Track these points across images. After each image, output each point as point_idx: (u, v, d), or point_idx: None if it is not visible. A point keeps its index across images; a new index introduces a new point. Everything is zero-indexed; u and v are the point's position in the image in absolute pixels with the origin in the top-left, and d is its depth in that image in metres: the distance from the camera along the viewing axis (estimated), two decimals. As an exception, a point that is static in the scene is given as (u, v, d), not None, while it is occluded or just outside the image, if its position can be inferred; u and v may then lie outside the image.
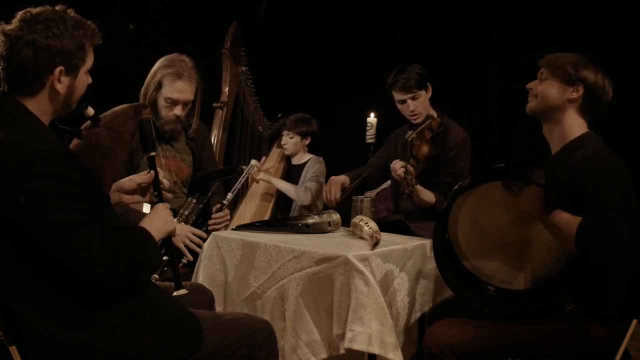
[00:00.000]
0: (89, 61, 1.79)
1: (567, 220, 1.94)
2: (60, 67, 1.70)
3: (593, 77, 2.12)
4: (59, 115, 1.80)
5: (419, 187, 2.86)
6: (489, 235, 2.20)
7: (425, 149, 2.95)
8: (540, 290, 2.11)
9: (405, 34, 4.79)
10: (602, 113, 2.18)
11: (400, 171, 2.74)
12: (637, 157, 3.71)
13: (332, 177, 3.20)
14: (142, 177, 2.08)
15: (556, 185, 2.00)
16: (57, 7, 1.74)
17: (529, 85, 2.24)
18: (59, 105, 1.76)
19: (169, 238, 1.98)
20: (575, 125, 2.16)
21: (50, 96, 1.72)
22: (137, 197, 2.11)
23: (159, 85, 2.88)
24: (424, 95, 3.12)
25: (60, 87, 1.72)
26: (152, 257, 1.83)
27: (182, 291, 1.98)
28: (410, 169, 2.73)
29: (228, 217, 3.01)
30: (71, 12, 1.75)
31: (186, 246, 2.79)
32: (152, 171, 2.04)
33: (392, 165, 2.84)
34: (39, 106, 1.72)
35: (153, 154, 2.06)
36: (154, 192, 2.06)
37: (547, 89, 2.17)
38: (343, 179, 3.19)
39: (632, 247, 2.04)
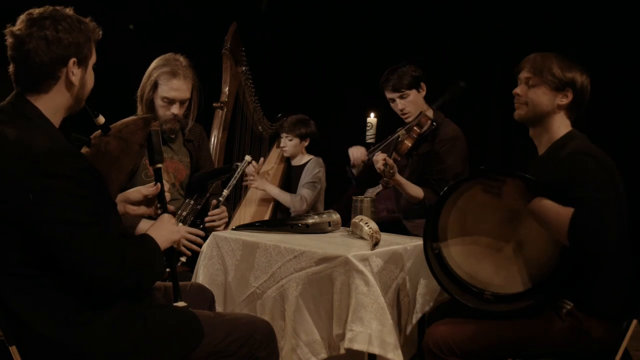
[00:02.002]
0: (94, 56, 1.82)
1: (557, 211, 1.95)
2: (74, 59, 1.73)
3: (580, 79, 2.14)
4: (71, 112, 1.81)
5: (403, 180, 2.97)
6: (479, 241, 2.19)
7: (407, 143, 3.07)
8: (538, 288, 2.11)
9: (405, 34, 4.79)
10: (584, 111, 2.21)
11: (380, 163, 2.84)
12: (632, 155, 3.75)
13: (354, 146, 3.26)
14: (148, 189, 2.10)
15: (536, 179, 2.01)
16: (58, 8, 1.76)
17: (517, 91, 2.23)
18: (72, 100, 1.78)
19: (171, 249, 1.99)
20: (562, 126, 2.18)
21: (66, 89, 1.75)
22: (142, 208, 2.13)
23: (155, 85, 2.88)
24: (415, 95, 3.15)
25: (75, 79, 1.75)
26: (157, 264, 1.84)
27: (181, 303, 1.99)
28: (390, 161, 2.82)
29: (225, 214, 3.00)
30: (70, 11, 1.78)
31: (184, 245, 2.79)
32: (158, 183, 2.06)
33: (374, 157, 2.92)
34: (53, 103, 1.74)
35: (160, 165, 2.08)
36: (158, 204, 2.08)
37: (537, 97, 2.17)
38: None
39: (624, 244, 2.06)
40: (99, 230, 1.64)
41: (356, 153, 3.19)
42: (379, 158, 2.87)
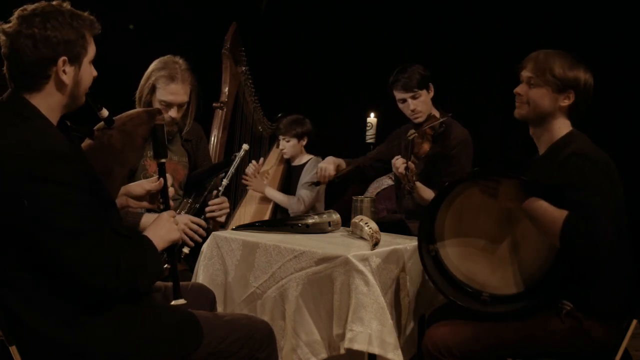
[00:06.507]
0: (91, 51, 1.77)
1: (551, 213, 1.95)
2: (64, 57, 1.68)
3: (583, 80, 2.12)
4: (69, 110, 1.78)
5: (419, 184, 2.91)
6: (475, 242, 2.20)
7: (426, 147, 2.99)
8: (534, 289, 2.11)
9: (405, 34, 4.79)
10: (587, 111, 2.19)
11: (402, 168, 2.77)
12: (630, 154, 3.75)
13: (329, 157, 3.15)
14: (151, 183, 2.08)
15: (530, 180, 2.01)
16: (54, 2, 1.73)
17: (518, 90, 2.22)
18: (67, 99, 1.74)
19: (172, 247, 1.98)
20: (562, 126, 2.17)
21: (57, 88, 1.71)
22: (144, 203, 2.11)
23: (153, 88, 2.87)
24: (425, 95, 3.14)
25: (66, 78, 1.70)
26: (152, 266, 1.82)
27: (181, 301, 1.97)
28: (412, 166, 2.78)
29: (226, 204, 2.97)
30: (67, 5, 1.73)
31: (187, 236, 2.77)
32: (161, 178, 2.04)
33: (393, 161, 2.88)
34: (47, 102, 1.70)
35: (164, 160, 2.06)
36: (160, 199, 2.06)
37: (539, 98, 2.15)
38: (339, 160, 3.14)
39: (624, 244, 2.06)
40: (92, 239, 1.61)
41: (325, 170, 3.05)
42: (399, 163, 2.82)
